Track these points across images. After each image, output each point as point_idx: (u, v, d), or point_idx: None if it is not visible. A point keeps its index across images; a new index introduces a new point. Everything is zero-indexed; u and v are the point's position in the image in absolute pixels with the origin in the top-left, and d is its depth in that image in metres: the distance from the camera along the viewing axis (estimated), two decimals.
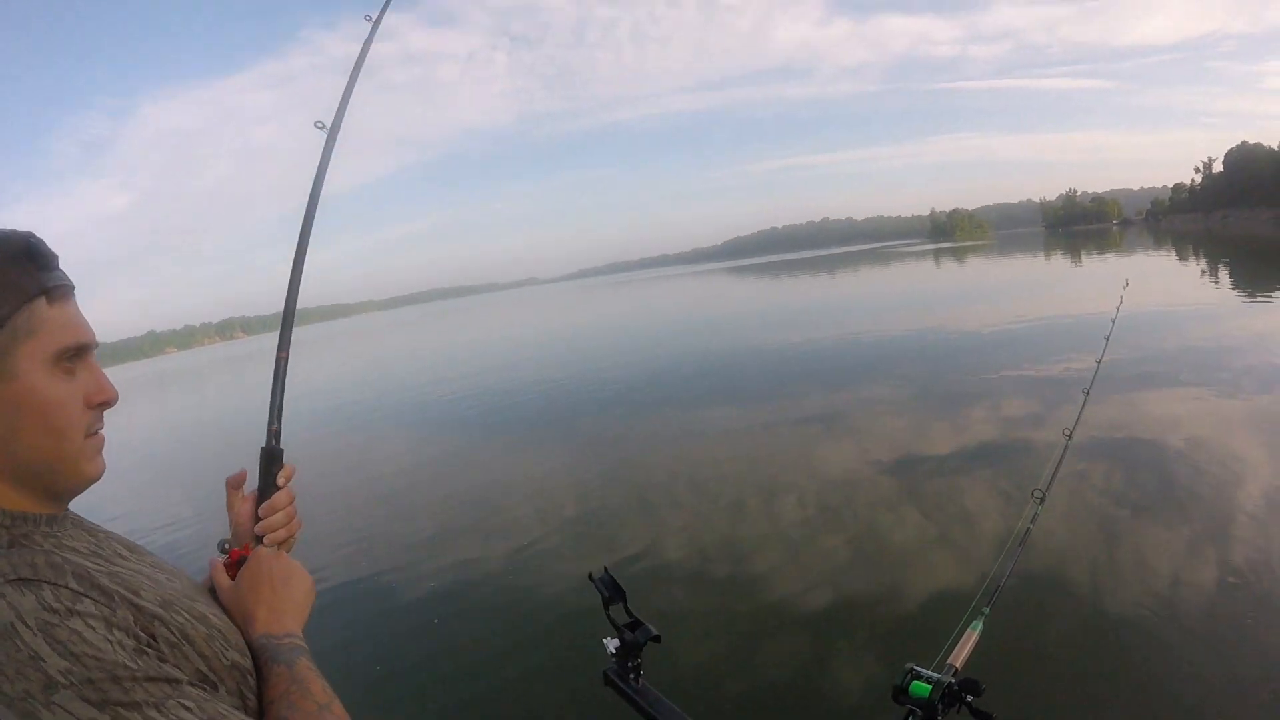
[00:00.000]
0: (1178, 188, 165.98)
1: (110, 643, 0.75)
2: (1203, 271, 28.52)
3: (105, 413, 0.95)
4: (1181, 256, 38.53)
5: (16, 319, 0.84)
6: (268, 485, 1.18)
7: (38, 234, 0.90)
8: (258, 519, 1.15)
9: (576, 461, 9.58)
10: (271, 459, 1.19)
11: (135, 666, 0.75)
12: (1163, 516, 5.41)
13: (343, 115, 1.43)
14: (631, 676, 1.45)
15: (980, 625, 1.56)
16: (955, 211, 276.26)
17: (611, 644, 1.43)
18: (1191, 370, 9.95)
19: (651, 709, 1.41)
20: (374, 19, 1.58)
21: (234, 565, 1.10)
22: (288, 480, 1.20)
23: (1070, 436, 2.43)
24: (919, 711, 1.27)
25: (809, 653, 4.38)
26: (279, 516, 1.15)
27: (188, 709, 0.75)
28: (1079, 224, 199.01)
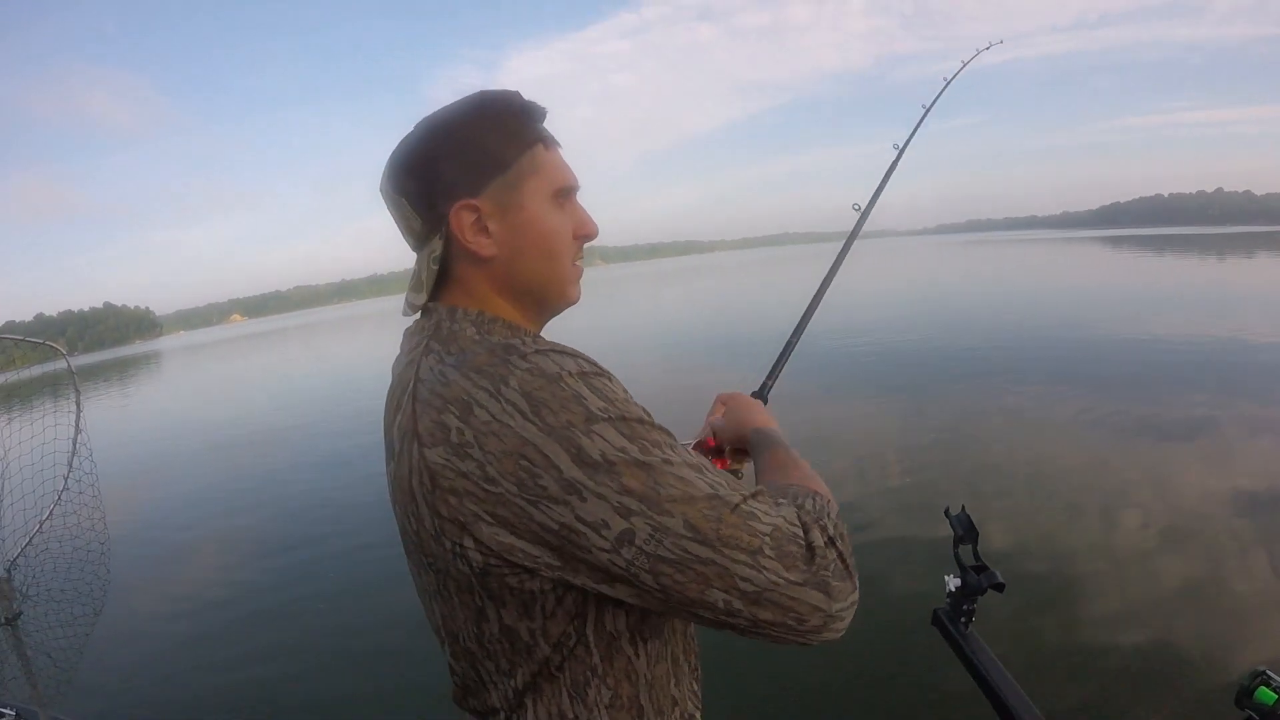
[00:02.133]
0: None
1: (630, 399, 0.89)
2: None
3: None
4: None
5: (522, 160, 1.00)
6: None
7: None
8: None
9: (914, 420, 9.67)
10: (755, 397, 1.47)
11: (650, 417, 0.88)
12: None
13: (875, 203, 1.85)
14: (962, 621, 1.46)
15: None
16: None
17: (952, 582, 1.46)
18: None
19: (975, 657, 1.41)
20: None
21: (704, 447, 1.36)
22: None
23: None
24: (1256, 718, 1.25)
25: (1147, 642, 4.28)
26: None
27: (690, 455, 0.87)
28: None
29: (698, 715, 1.14)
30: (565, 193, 1.05)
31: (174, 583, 6.75)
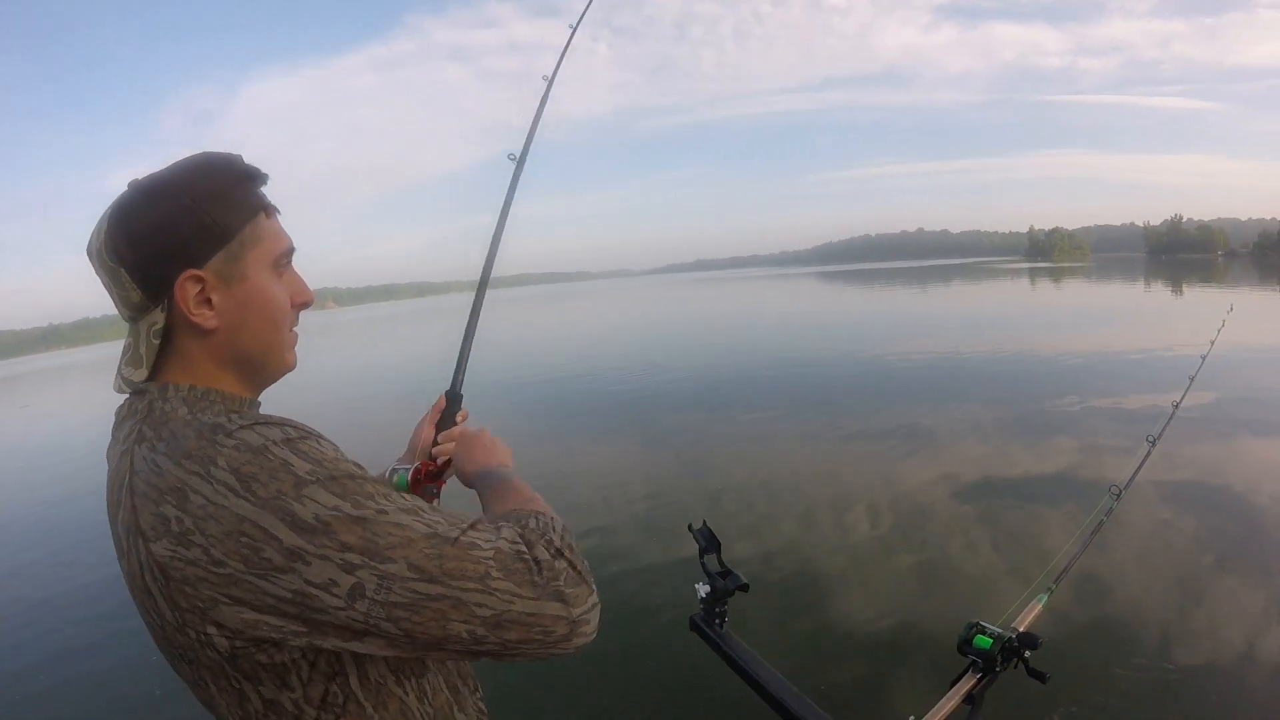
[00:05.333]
0: None
1: (340, 456, 0.91)
2: None
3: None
4: None
5: (245, 230, 0.99)
6: (448, 419, 1.50)
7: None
8: (435, 444, 1.44)
9: (652, 454, 9.82)
10: (454, 400, 1.52)
11: (361, 471, 0.90)
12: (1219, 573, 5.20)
13: (529, 146, 1.76)
14: (717, 622, 1.56)
15: (1045, 598, 1.66)
16: (1055, 231, 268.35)
17: (702, 589, 1.55)
18: None
19: (733, 653, 1.52)
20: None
21: (420, 472, 1.38)
22: (464, 419, 1.50)
23: (1118, 497, 2.23)
24: (979, 662, 1.38)
25: (888, 616, 4.81)
26: (451, 445, 1.43)
27: (404, 500, 0.89)
28: (1182, 252, 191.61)
29: None
30: (284, 260, 1.06)
31: None
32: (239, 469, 0.84)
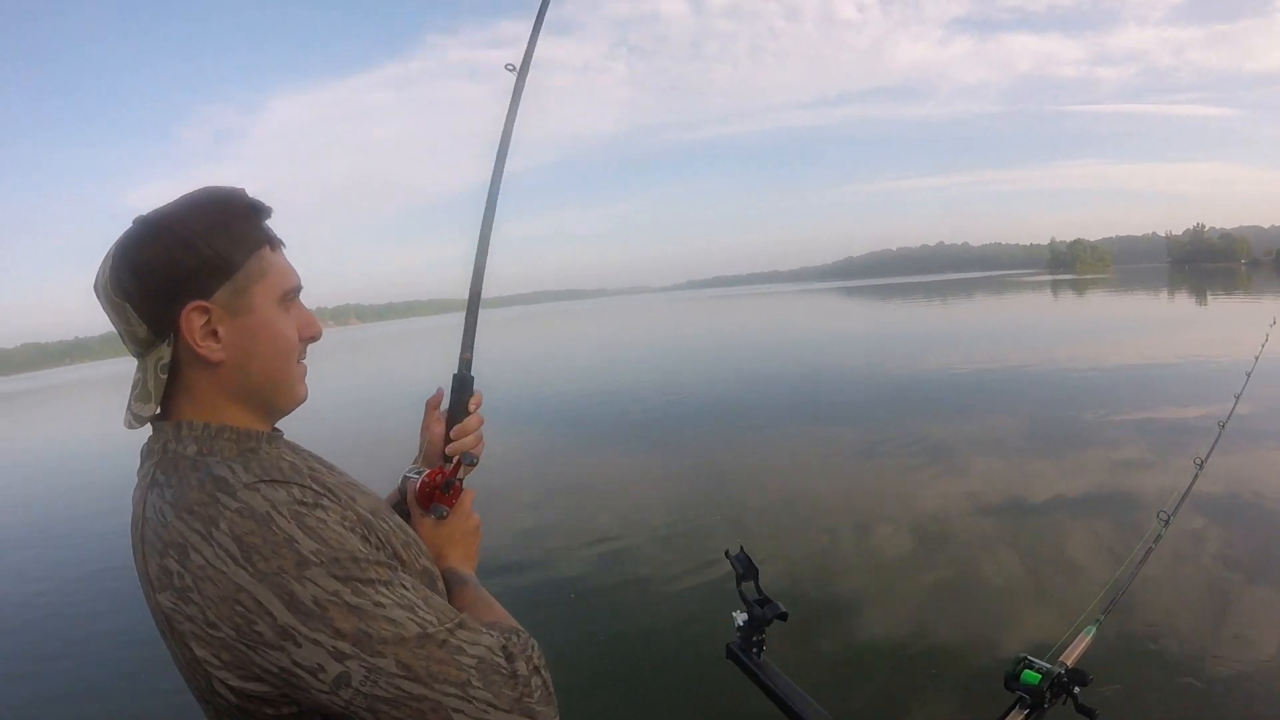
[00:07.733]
0: None
1: (346, 533, 0.91)
2: None
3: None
4: None
5: (250, 263, 0.99)
6: (459, 409, 1.29)
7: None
8: (448, 440, 1.27)
9: (678, 474, 9.71)
10: (463, 385, 1.29)
11: (366, 552, 0.90)
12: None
13: (531, 54, 1.44)
14: (754, 651, 1.53)
15: (1094, 630, 1.61)
16: (1077, 242, 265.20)
17: (740, 617, 1.52)
18: None
19: (771, 683, 1.48)
20: None
21: (430, 485, 1.23)
22: (478, 405, 1.30)
23: (1167, 522, 2.12)
24: (1027, 698, 1.34)
25: (925, 643, 4.65)
26: (469, 439, 1.27)
27: (406, 588, 0.90)
28: (1205, 261, 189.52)
29: None
30: (291, 294, 1.06)
31: None
32: (241, 537, 0.85)
